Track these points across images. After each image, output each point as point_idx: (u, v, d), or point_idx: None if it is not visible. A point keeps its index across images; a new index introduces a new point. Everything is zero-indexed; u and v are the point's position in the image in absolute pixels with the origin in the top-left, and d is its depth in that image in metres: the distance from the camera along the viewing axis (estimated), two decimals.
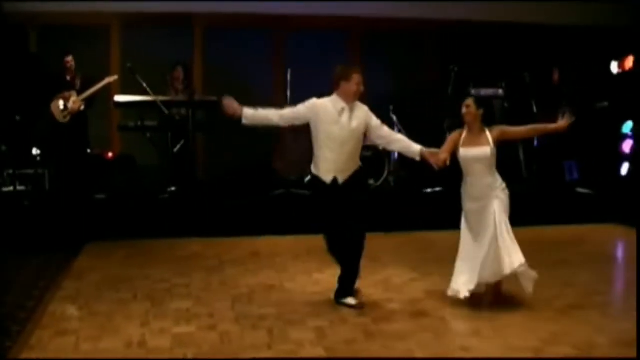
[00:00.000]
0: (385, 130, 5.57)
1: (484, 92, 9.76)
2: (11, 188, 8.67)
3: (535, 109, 10.00)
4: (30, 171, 8.85)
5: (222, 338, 4.74)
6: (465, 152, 5.36)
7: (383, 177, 9.56)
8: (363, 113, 5.45)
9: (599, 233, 8.53)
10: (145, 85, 8.75)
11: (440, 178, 8.27)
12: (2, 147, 8.83)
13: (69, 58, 8.85)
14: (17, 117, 8.93)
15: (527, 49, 10.81)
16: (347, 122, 5.36)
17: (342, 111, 5.35)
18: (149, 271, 6.54)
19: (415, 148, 5.47)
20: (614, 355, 4.42)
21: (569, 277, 6.27)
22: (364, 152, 5.64)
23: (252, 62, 10.63)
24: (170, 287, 6.01)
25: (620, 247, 8.26)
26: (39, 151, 8.91)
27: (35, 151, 8.90)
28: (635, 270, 6.14)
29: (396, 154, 9.11)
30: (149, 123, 9.09)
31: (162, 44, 10.28)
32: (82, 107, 8.80)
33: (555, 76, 10.35)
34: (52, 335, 4.78)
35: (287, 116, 5.51)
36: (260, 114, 5.49)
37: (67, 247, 7.38)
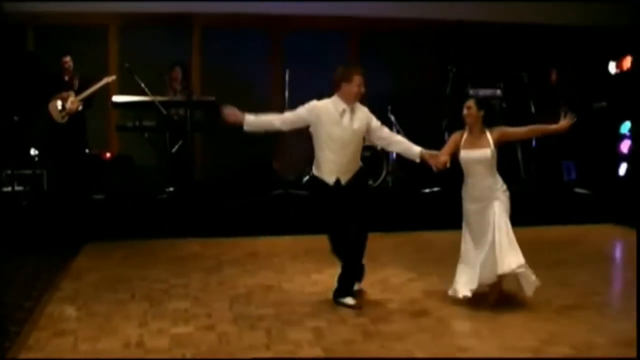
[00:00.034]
0: (386, 131, 5.58)
1: (482, 92, 9.77)
2: (9, 188, 8.66)
3: (533, 109, 10.01)
4: (28, 171, 8.83)
5: (220, 338, 4.74)
6: (466, 153, 5.35)
7: (381, 178, 9.55)
8: (364, 114, 5.45)
9: (596, 233, 8.52)
10: (143, 85, 8.73)
11: (439, 178, 8.26)
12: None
13: (67, 58, 8.85)
14: (15, 118, 8.91)
15: (525, 49, 10.80)
16: (348, 123, 5.35)
17: (344, 112, 5.35)
18: (147, 271, 6.53)
19: (415, 150, 5.46)
20: (612, 355, 4.42)
21: (568, 277, 6.27)
22: (362, 152, 5.63)
23: (250, 62, 10.62)
24: (168, 288, 6.00)
25: (619, 247, 8.26)
26: (37, 151, 8.89)
27: (33, 151, 8.89)
28: (634, 270, 6.15)
29: (394, 154, 9.10)
30: (147, 123, 9.07)
31: (160, 44, 10.27)
32: (80, 108, 8.80)
33: (553, 76, 10.36)
34: (50, 336, 4.77)
35: (288, 120, 5.49)
36: (262, 120, 5.47)
37: (65, 247, 7.37)
